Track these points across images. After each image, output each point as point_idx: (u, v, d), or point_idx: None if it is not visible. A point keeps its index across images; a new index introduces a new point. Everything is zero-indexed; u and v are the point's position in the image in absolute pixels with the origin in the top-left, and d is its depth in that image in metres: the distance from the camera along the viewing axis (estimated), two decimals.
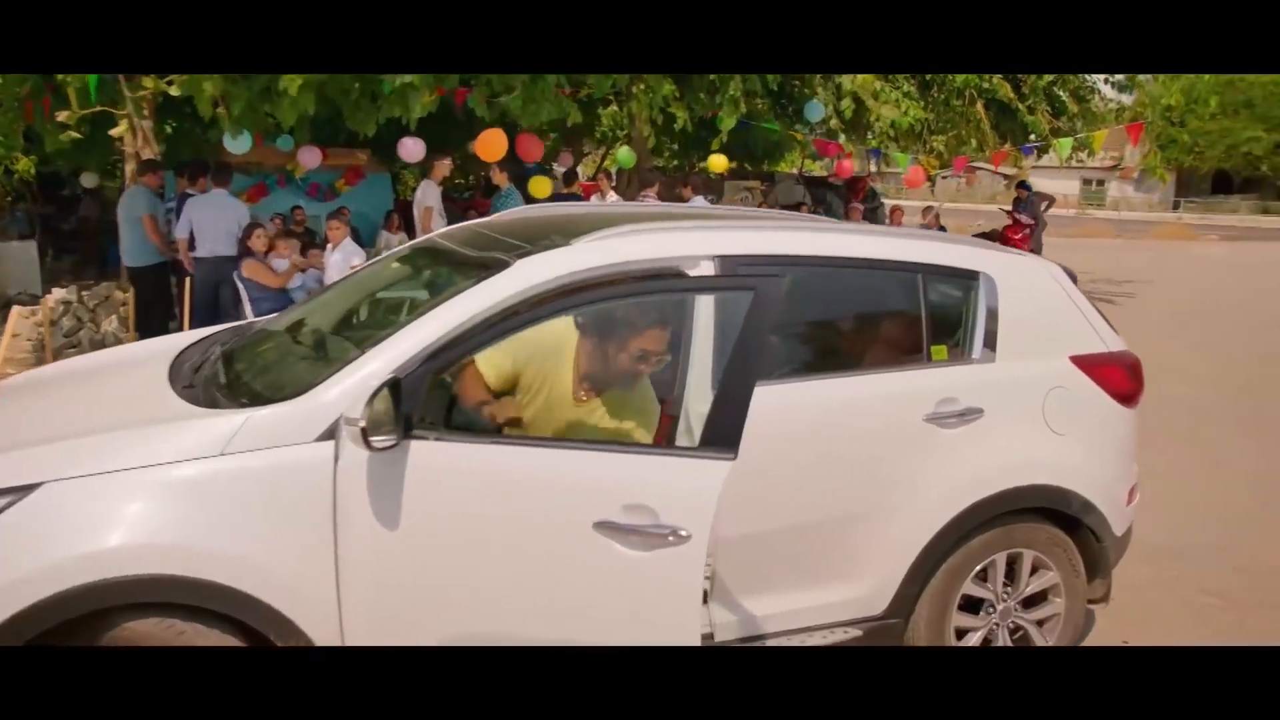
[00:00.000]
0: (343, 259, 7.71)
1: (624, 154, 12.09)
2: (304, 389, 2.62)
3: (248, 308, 7.58)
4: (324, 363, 2.93)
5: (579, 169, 15.85)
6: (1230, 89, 35.00)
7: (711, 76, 10.23)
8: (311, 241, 9.78)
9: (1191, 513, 5.50)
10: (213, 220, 8.41)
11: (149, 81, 6.98)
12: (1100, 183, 43.56)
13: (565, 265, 2.79)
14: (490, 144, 8.81)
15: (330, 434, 2.52)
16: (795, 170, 20.85)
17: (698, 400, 2.89)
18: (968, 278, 3.39)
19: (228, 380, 3.00)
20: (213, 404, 2.77)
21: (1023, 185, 14.57)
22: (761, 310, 2.42)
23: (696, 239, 3.04)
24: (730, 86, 10.28)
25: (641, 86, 9.64)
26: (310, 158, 10.31)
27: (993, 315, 3.36)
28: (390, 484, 2.52)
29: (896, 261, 3.32)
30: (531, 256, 2.84)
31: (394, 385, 2.45)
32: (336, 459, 2.51)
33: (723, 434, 2.41)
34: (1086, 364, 3.45)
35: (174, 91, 6.72)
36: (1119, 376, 3.51)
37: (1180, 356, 9.94)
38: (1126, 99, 14.31)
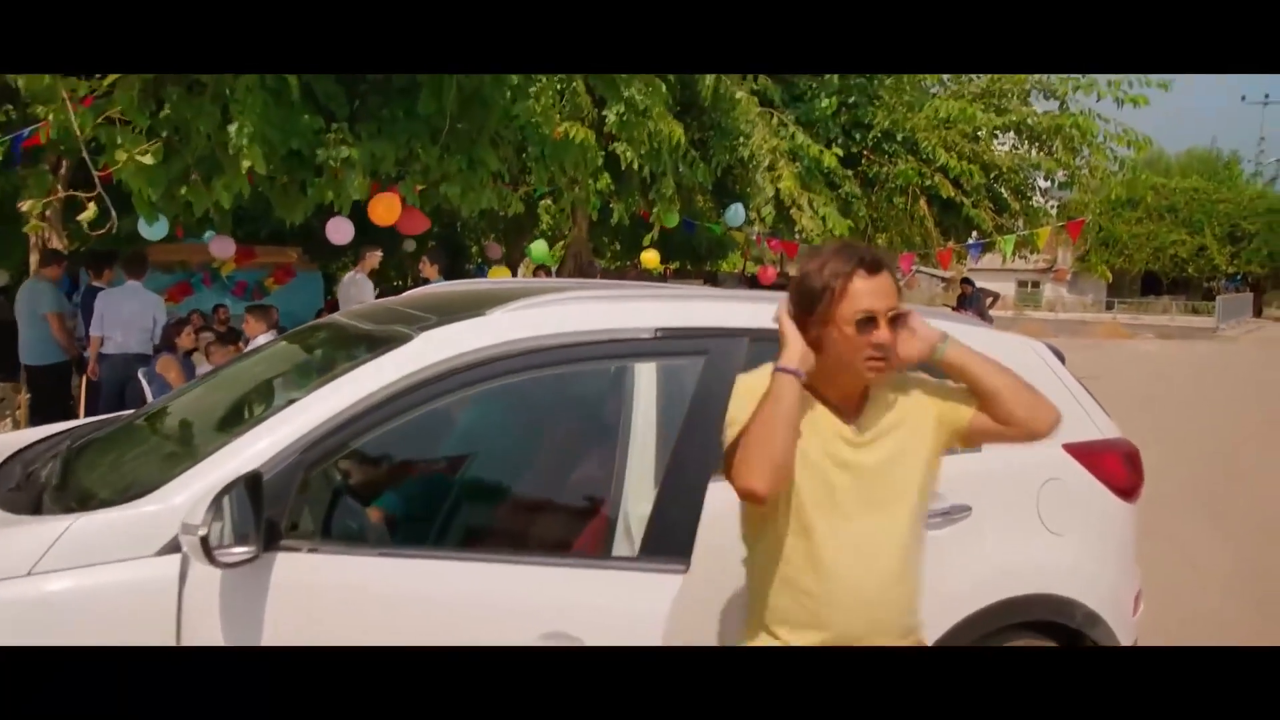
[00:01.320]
0: None
1: (537, 248, 11.71)
2: (147, 490, 2.10)
3: None
4: (183, 458, 2.39)
5: (519, 268, 15.50)
6: (1155, 195, 36.05)
7: (644, 176, 9.94)
8: (235, 341, 9.21)
9: (1169, 613, 5.07)
10: (125, 314, 7.71)
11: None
12: (1035, 285, 44.37)
13: (477, 338, 2.32)
14: (383, 207, 7.82)
15: (177, 546, 1.99)
16: (738, 270, 20.74)
17: (638, 499, 2.32)
18: None
19: (61, 480, 2.45)
20: (36, 510, 2.22)
21: (966, 281, 14.51)
22: (715, 381, 1.94)
23: (633, 309, 2.57)
24: (664, 185, 10.03)
25: (576, 189, 9.35)
26: (223, 248, 9.72)
27: None
28: (249, 609, 1.98)
29: None
30: (437, 328, 2.37)
31: (253, 482, 1.94)
32: (183, 578, 1.98)
33: (670, 539, 1.89)
34: (1082, 453, 3.02)
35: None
36: (1117, 467, 3.09)
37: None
38: (1066, 194, 14.37)
